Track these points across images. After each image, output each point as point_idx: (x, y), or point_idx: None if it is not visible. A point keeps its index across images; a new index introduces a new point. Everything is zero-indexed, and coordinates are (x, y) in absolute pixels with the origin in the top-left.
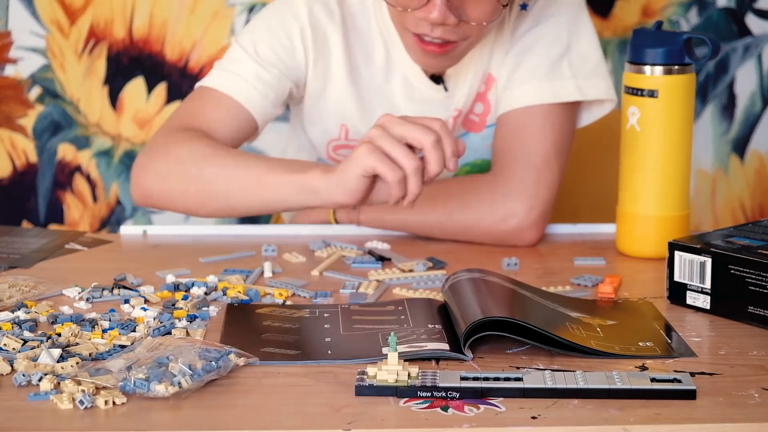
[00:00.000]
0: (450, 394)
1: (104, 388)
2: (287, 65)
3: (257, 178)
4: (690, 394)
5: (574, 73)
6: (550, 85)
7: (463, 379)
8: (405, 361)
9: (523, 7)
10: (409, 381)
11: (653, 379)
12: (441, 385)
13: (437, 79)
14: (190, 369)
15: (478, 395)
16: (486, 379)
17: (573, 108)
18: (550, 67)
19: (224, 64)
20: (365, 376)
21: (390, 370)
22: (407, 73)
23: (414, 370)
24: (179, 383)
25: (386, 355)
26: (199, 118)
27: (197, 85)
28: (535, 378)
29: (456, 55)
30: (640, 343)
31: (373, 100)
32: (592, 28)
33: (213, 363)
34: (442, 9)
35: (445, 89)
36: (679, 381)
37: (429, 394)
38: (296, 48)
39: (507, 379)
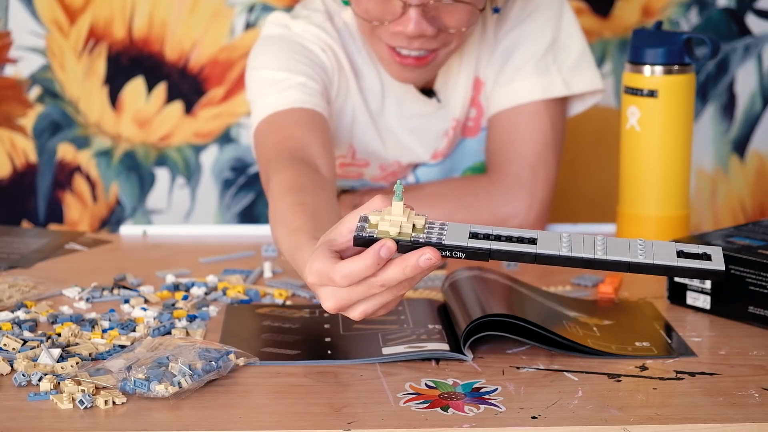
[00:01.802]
0: (455, 254)
1: (104, 388)
2: (321, 78)
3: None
4: (718, 275)
5: (559, 68)
6: (537, 82)
7: (471, 236)
8: (413, 212)
9: (496, 10)
10: (413, 235)
11: (681, 253)
12: (447, 243)
13: (428, 92)
14: (189, 369)
15: (486, 257)
16: (497, 237)
17: (562, 102)
18: (535, 64)
19: (265, 90)
20: (366, 224)
21: (393, 221)
22: (398, 93)
23: (420, 221)
24: (179, 383)
25: (388, 354)
26: (289, 146)
27: (254, 123)
28: (549, 243)
29: (435, 65)
30: (637, 344)
31: (375, 123)
32: (574, 21)
33: (213, 363)
34: (419, 20)
35: (438, 101)
36: (708, 257)
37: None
38: (325, 62)
39: (520, 240)
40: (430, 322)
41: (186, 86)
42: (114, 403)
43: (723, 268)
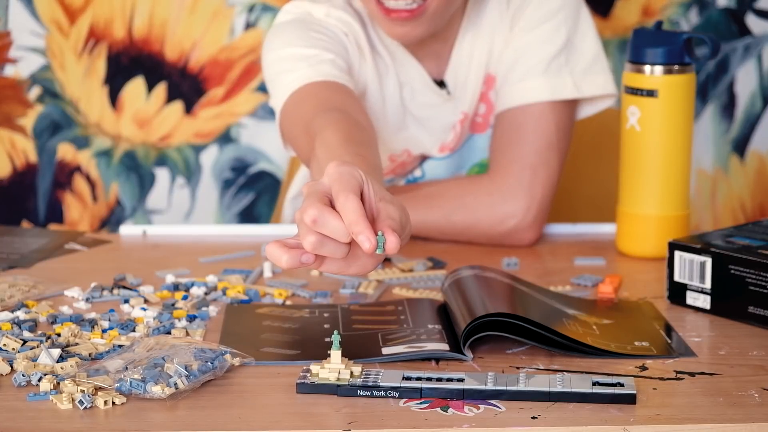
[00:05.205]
0: (390, 393)
1: (102, 388)
2: (346, 59)
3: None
4: (630, 399)
5: (571, 70)
6: (546, 83)
7: (404, 378)
8: (349, 360)
9: None
10: (350, 380)
11: (595, 383)
12: (382, 384)
13: (440, 83)
14: (185, 369)
15: (418, 394)
16: (428, 379)
17: (571, 104)
18: (547, 64)
19: (294, 65)
20: (308, 374)
21: (332, 369)
22: (412, 81)
23: (357, 369)
24: (175, 384)
25: (387, 354)
26: (332, 106)
27: (277, 105)
28: (476, 379)
29: (428, 18)
30: (636, 343)
31: (388, 109)
32: (591, 23)
33: (209, 363)
34: None
35: (448, 93)
36: (621, 385)
37: (369, 393)
38: (347, 46)
39: (449, 380)
40: (429, 322)
41: (186, 86)
42: (114, 403)
43: (634, 392)
